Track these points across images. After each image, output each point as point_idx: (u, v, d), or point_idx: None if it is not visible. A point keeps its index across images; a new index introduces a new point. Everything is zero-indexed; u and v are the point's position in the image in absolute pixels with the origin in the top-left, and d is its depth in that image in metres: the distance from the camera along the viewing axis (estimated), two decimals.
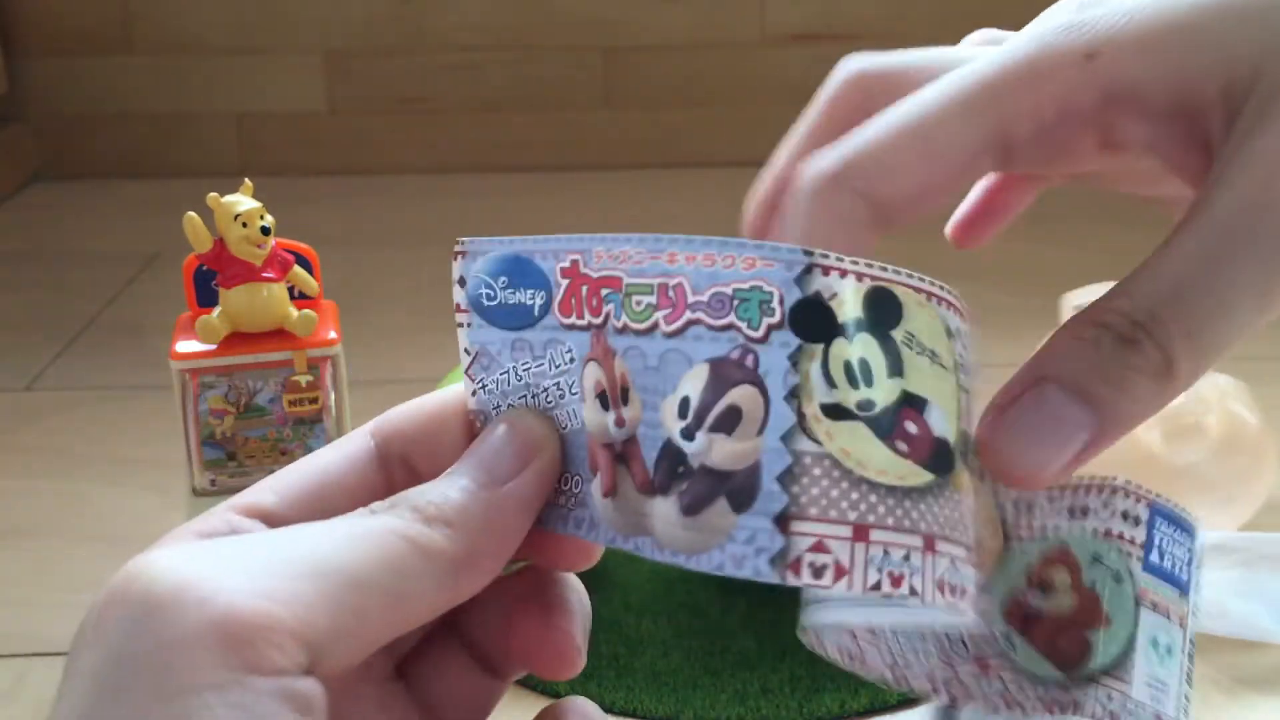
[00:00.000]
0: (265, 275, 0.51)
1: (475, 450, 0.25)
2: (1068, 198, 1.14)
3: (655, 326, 0.23)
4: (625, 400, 0.24)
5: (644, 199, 1.11)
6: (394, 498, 0.24)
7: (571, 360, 0.25)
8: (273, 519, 0.24)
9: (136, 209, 1.10)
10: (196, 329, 0.51)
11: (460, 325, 0.27)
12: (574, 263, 0.24)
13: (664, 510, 0.23)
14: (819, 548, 0.22)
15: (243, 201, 0.50)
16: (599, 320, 0.24)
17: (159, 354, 0.56)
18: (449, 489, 0.24)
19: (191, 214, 0.50)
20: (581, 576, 0.28)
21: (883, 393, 0.23)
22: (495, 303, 0.26)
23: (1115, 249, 0.97)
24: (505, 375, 0.26)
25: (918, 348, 0.23)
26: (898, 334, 0.23)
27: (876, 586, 0.22)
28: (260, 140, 1.17)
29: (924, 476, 0.23)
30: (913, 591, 0.22)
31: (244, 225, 0.50)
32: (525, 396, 0.26)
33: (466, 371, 0.27)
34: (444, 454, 0.26)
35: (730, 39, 1.15)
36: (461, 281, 0.26)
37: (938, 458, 0.23)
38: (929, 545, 0.22)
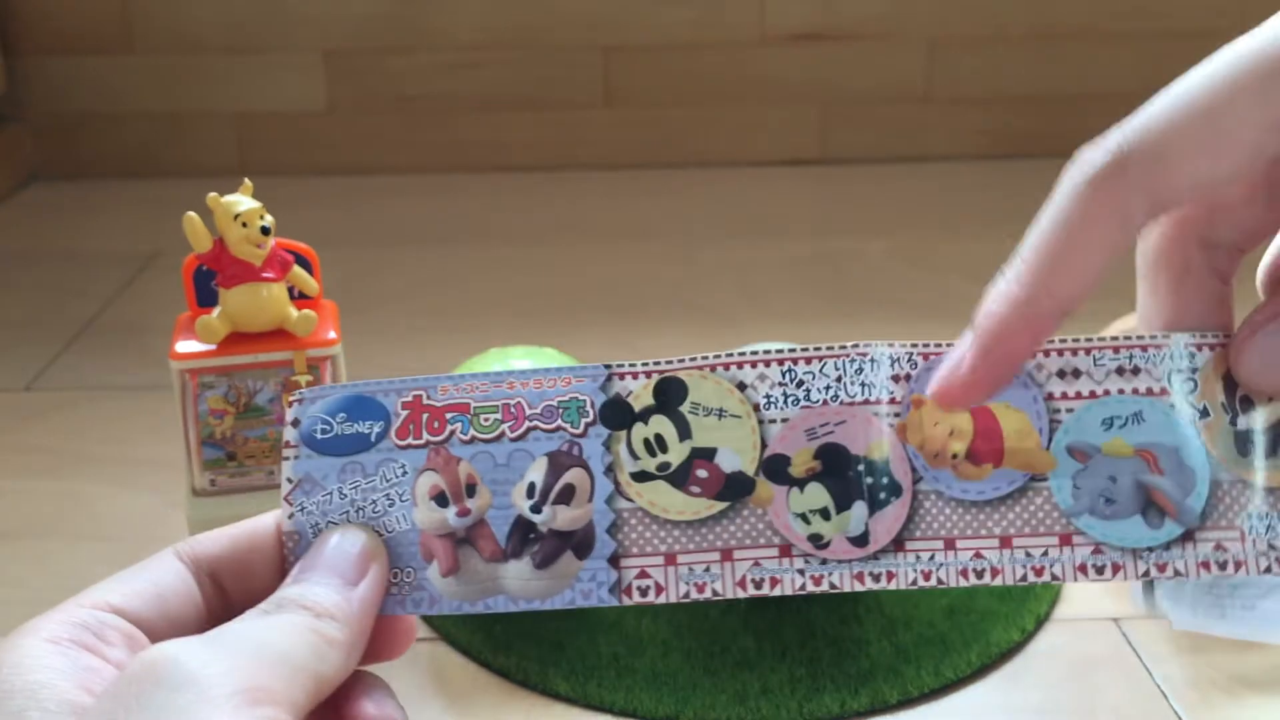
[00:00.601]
0: (265, 275, 0.51)
1: (320, 560, 0.30)
2: None
3: (502, 435, 0.32)
4: (471, 494, 0.31)
5: (644, 199, 1.11)
6: (276, 599, 0.29)
7: (404, 474, 0.32)
8: (123, 613, 0.29)
9: (136, 209, 1.10)
10: (196, 329, 0.51)
11: (286, 458, 0.32)
12: (416, 397, 0.32)
13: (517, 570, 0.31)
14: (642, 574, 0.31)
15: (242, 201, 0.50)
16: (439, 438, 0.32)
17: (159, 354, 0.56)
18: (320, 591, 0.29)
19: (191, 214, 0.50)
20: None
21: (676, 454, 0.32)
22: (331, 435, 0.32)
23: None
24: (328, 496, 0.32)
25: (703, 411, 0.32)
26: (684, 407, 0.32)
27: (686, 595, 0.31)
28: (260, 140, 1.17)
29: (717, 507, 0.32)
30: (715, 594, 0.31)
31: (244, 225, 0.50)
32: (348, 512, 0.32)
33: (285, 497, 0.32)
34: (256, 574, 0.31)
35: (730, 39, 1.15)
36: (295, 422, 0.32)
37: (730, 489, 0.32)
38: (726, 556, 0.31)
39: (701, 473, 0.32)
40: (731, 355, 0.32)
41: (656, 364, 0.32)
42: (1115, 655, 0.52)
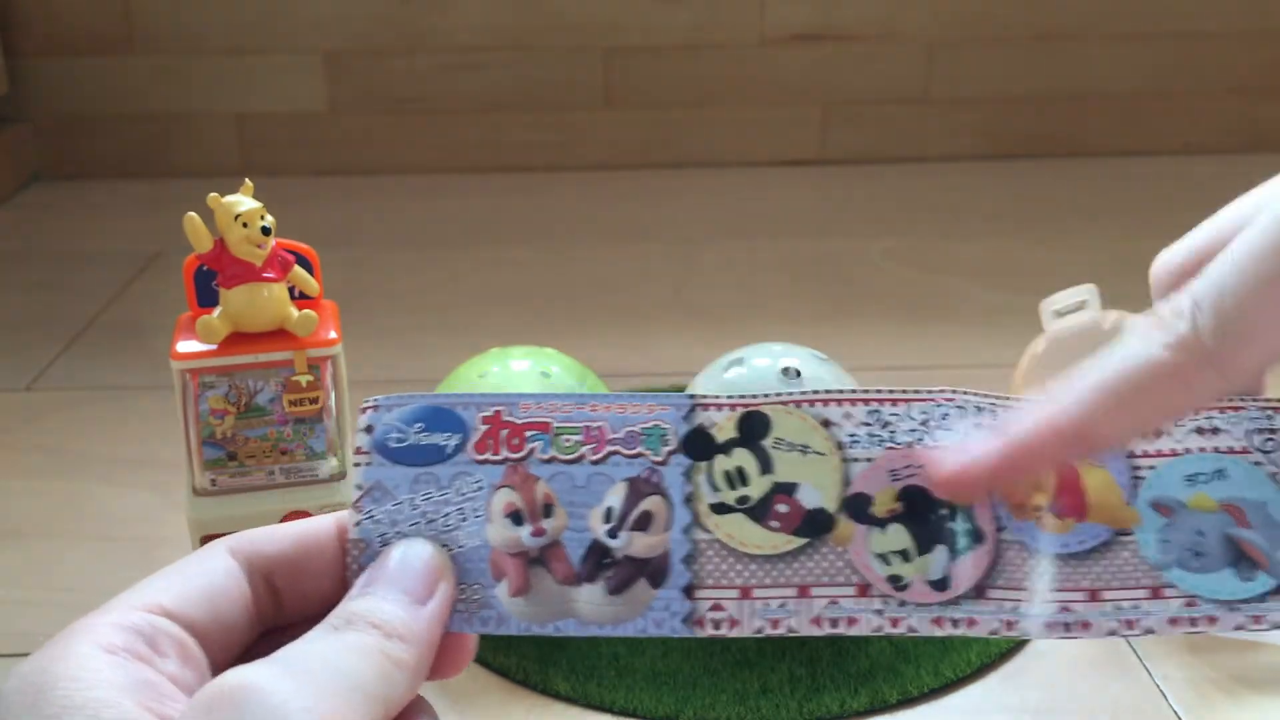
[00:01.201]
0: (265, 275, 0.51)
1: (389, 573, 0.30)
2: (1067, 198, 1.15)
3: (582, 458, 0.32)
4: (548, 514, 0.31)
5: (644, 199, 1.11)
6: (345, 613, 0.28)
7: (480, 489, 0.31)
8: (174, 617, 0.28)
9: (136, 209, 1.10)
10: (197, 329, 0.51)
11: (358, 464, 0.31)
12: (497, 412, 0.32)
13: (590, 594, 0.31)
14: (717, 607, 0.31)
15: (243, 201, 0.50)
16: (518, 455, 0.32)
17: (159, 354, 0.56)
18: (389, 608, 0.28)
19: (192, 214, 0.50)
20: None
21: (757, 488, 0.31)
22: (405, 444, 0.32)
23: (1116, 251, 0.97)
24: (399, 506, 0.31)
25: (786, 446, 0.32)
26: (767, 441, 0.32)
27: (760, 630, 0.31)
28: (260, 140, 1.17)
29: (796, 542, 0.31)
30: (790, 630, 0.31)
31: (244, 225, 0.50)
32: (419, 524, 0.31)
33: (355, 504, 0.31)
34: (313, 578, 0.30)
35: (730, 39, 1.15)
36: (369, 429, 0.32)
37: (809, 525, 0.31)
38: (803, 592, 0.31)
39: (782, 507, 0.31)
40: (818, 393, 0.32)
41: (741, 397, 0.32)
42: (1115, 655, 0.52)
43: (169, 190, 1.13)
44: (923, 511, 0.32)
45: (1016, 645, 0.52)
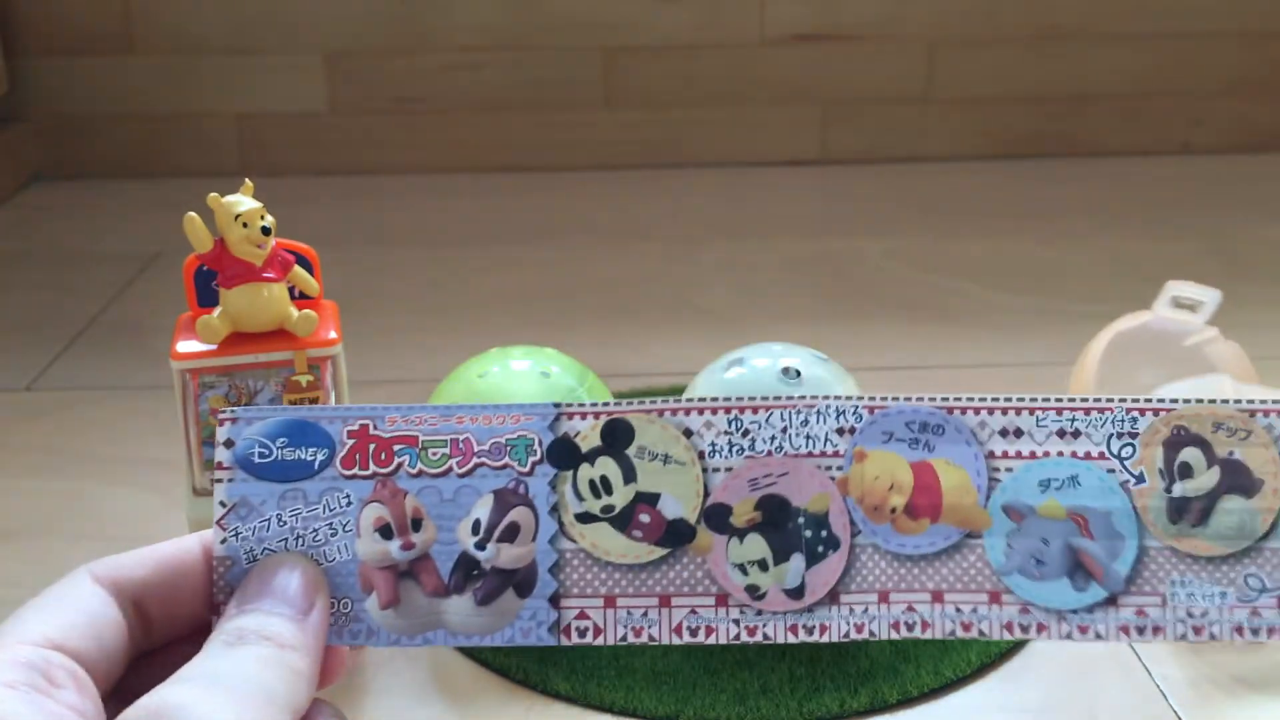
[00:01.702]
0: (266, 275, 0.51)
1: (268, 589, 0.30)
2: (1067, 198, 1.14)
3: (449, 470, 0.32)
4: (417, 528, 0.32)
5: (644, 199, 1.11)
6: (234, 630, 0.29)
7: (349, 504, 0.32)
8: (63, 649, 0.28)
9: (136, 209, 1.10)
10: (197, 329, 0.51)
11: (219, 480, 0.32)
12: (363, 426, 0.32)
13: (459, 605, 0.31)
14: (582, 615, 0.32)
15: (243, 202, 0.50)
16: (386, 470, 0.32)
17: (159, 354, 0.56)
18: (277, 622, 0.29)
19: (192, 214, 0.50)
20: None
21: (620, 497, 0.32)
22: (270, 459, 0.32)
23: (1116, 251, 0.97)
24: (265, 523, 0.31)
25: (649, 455, 0.32)
26: (631, 450, 0.32)
27: (623, 638, 0.31)
28: (260, 140, 1.17)
29: (658, 553, 0.32)
30: (651, 639, 0.31)
31: (244, 225, 0.50)
32: (286, 540, 0.31)
33: (219, 521, 0.31)
34: (182, 602, 0.31)
35: (730, 39, 1.15)
36: (229, 443, 0.32)
37: (671, 535, 0.32)
38: (664, 602, 0.32)
39: (644, 517, 0.32)
40: (680, 401, 0.32)
41: (605, 404, 0.32)
42: (1115, 655, 0.52)
43: (169, 190, 1.13)
44: (780, 520, 0.32)
45: (1016, 645, 0.52)
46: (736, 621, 0.32)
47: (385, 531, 0.32)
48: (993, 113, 1.18)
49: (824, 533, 0.32)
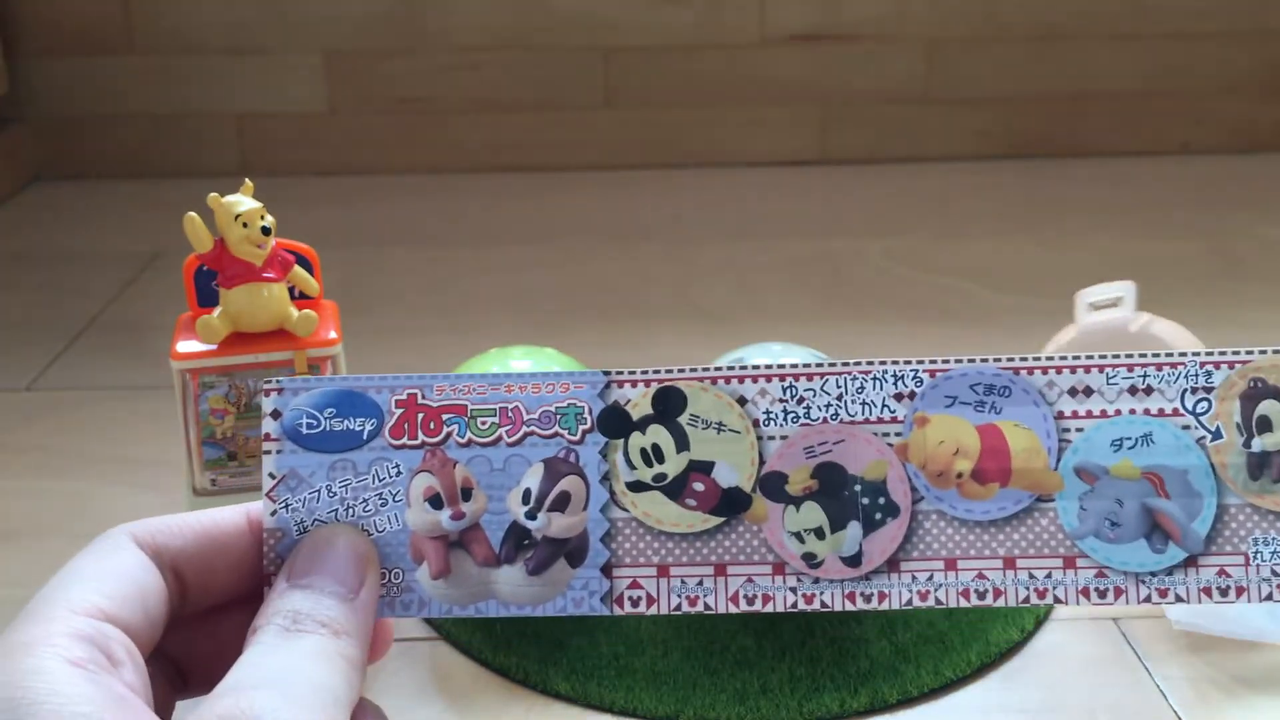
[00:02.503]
0: (266, 275, 0.51)
1: (320, 564, 0.30)
2: (1067, 198, 1.15)
3: (499, 439, 0.32)
4: (467, 498, 0.31)
5: (644, 199, 1.11)
6: (289, 613, 0.28)
7: (398, 474, 0.31)
8: (115, 621, 0.27)
9: (136, 209, 1.10)
10: (197, 329, 0.51)
11: (268, 452, 0.31)
12: (411, 396, 0.32)
13: (510, 575, 0.31)
14: (635, 585, 0.31)
15: (243, 202, 0.50)
16: (435, 439, 0.31)
17: (159, 354, 0.56)
18: (330, 604, 0.29)
19: (192, 214, 0.50)
20: None
21: (673, 465, 0.32)
22: (318, 430, 0.31)
23: (1116, 251, 0.97)
24: (315, 494, 0.31)
25: (702, 424, 0.32)
26: (683, 418, 0.32)
27: (678, 608, 0.31)
28: (260, 140, 1.17)
29: (713, 521, 0.32)
30: (706, 608, 0.31)
31: (244, 225, 0.50)
32: (336, 510, 0.31)
33: (268, 494, 0.31)
34: (219, 570, 0.30)
35: (730, 39, 1.15)
36: (275, 414, 0.32)
37: (726, 504, 0.32)
38: (719, 571, 0.31)
39: (698, 485, 0.32)
40: (734, 369, 0.32)
41: (656, 372, 0.32)
42: (1115, 655, 0.52)
43: (169, 190, 1.13)
44: (836, 488, 0.32)
45: (1016, 645, 0.52)
46: (794, 590, 0.31)
47: (435, 501, 0.31)
48: (993, 113, 1.18)
49: (881, 500, 0.32)
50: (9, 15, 1.13)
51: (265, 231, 0.50)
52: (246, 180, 0.51)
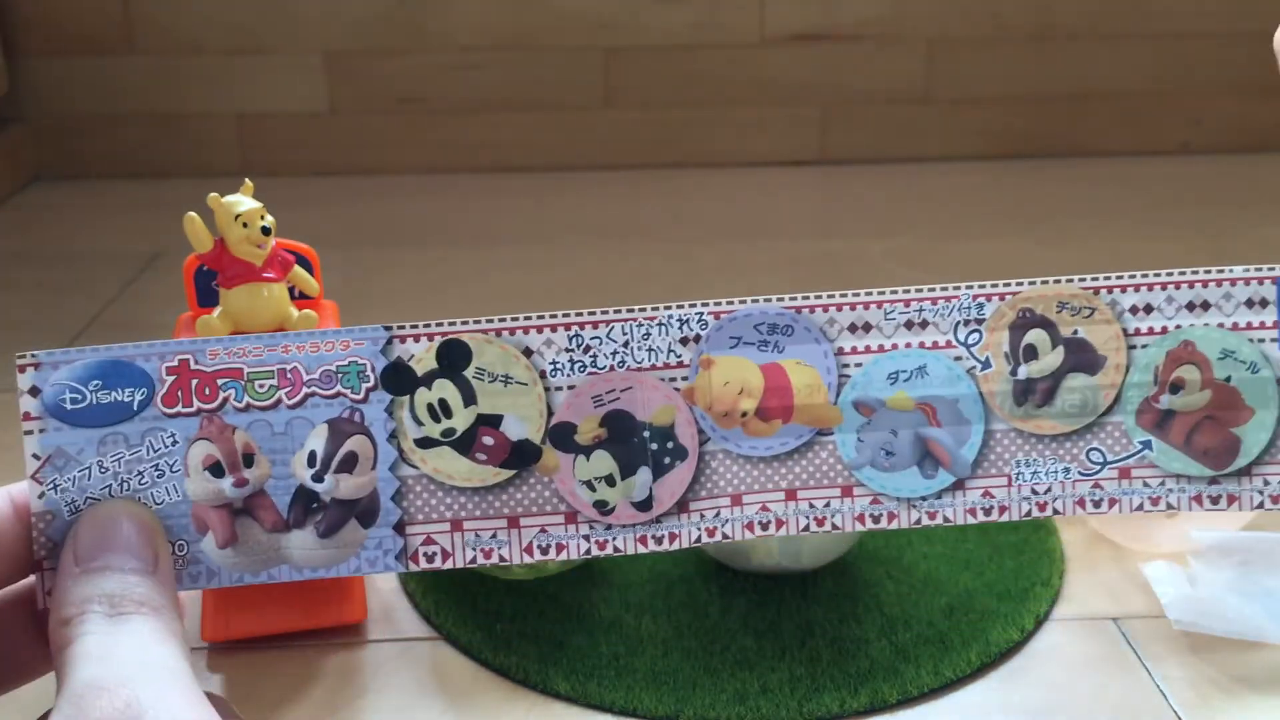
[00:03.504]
0: (266, 275, 0.51)
1: (112, 543, 0.28)
2: (1067, 198, 1.14)
3: (279, 402, 0.31)
4: (249, 464, 0.31)
5: (644, 199, 1.11)
6: (108, 597, 0.27)
7: (174, 443, 0.30)
8: None
9: (136, 209, 1.10)
10: (197, 329, 0.51)
11: (29, 432, 0.30)
12: (183, 362, 0.31)
13: (301, 540, 0.31)
14: (428, 541, 0.31)
15: (243, 202, 0.50)
16: (211, 406, 0.31)
17: None
18: (137, 582, 0.28)
19: (192, 214, 0.50)
20: (582, 577, 0.31)
21: (461, 420, 0.32)
22: (84, 404, 0.30)
23: (1116, 251, 0.97)
24: (85, 471, 0.30)
25: (489, 377, 0.32)
26: (469, 371, 0.32)
27: (473, 560, 0.31)
28: (260, 140, 1.17)
29: (503, 475, 0.32)
30: (501, 559, 0.32)
31: (244, 225, 0.50)
32: (110, 486, 0.30)
33: (33, 476, 0.30)
34: None
35: (730, 39, 1.15)
36: (34, 391, 0.30)
37: (516, 457, 0.32)
38: (513, 523, 0.32)
39: (487, 439, 0.32)
40: (517, 319, 0.32)
41: (439, 325, 0.32)
42: (1115, 655, 0.52)
43: (169, 190, 1.13)
44: (625, 435, 0.32)
45: (1016, 645, 0.52)
46: (586, 537, 0.32)
47: (216, 469, 0.31)
48: (993, 113, 1.18)
49: (670, 444, 0.32)
50: (9, 15, 1.13)
51: (265, 231, 0.50)
52: (246, 180, 0.51)
